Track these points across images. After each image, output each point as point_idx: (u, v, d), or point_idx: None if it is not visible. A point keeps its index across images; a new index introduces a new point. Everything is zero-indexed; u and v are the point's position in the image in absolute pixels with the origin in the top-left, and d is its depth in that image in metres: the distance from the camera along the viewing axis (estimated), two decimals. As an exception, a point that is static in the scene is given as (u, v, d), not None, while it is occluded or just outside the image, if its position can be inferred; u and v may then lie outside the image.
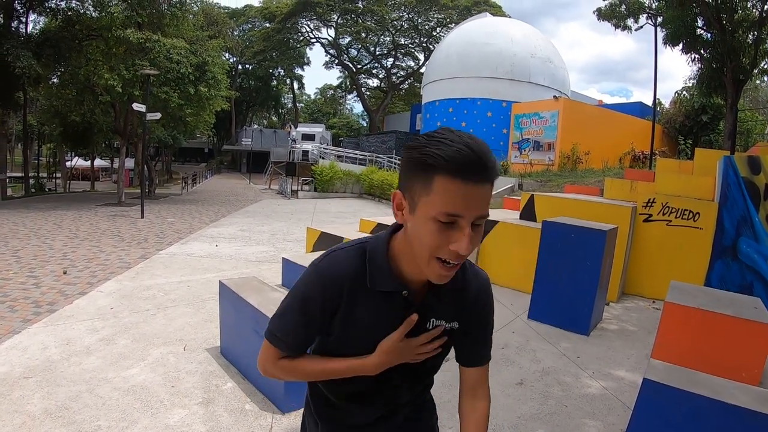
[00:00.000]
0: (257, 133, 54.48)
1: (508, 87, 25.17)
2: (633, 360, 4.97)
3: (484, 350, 1.51)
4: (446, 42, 29.94)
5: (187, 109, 20.86)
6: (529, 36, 27.02)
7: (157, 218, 16.07)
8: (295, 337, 1.35)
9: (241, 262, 9.50)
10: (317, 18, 48.08)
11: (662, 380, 2.86)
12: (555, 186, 17.55)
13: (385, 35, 48.94)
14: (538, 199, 8.50)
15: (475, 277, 1.43)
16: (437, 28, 47.13)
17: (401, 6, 45.65)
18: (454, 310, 1.39)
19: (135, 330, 5.50)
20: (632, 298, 7.49)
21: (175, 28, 21.56)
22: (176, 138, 36.69)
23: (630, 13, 19.20)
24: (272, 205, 21.78)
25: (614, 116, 25.46)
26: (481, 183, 1.06)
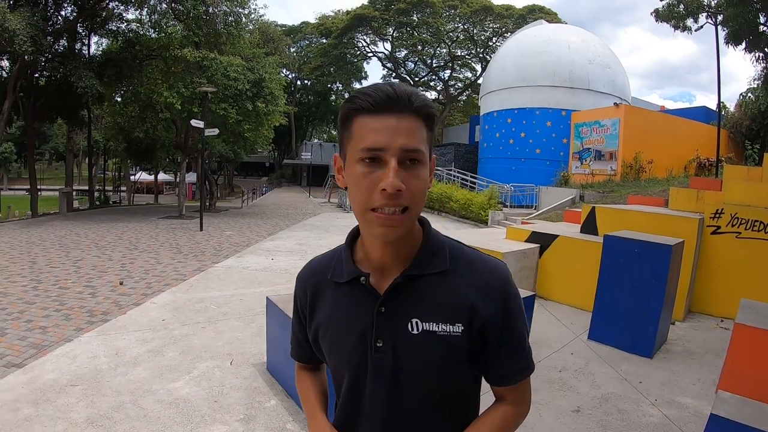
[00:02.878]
0: (317, 147, 55.28)
1: (566, 95, 24.55)
2: (699, 386, 4.64)
3: (513, 365, 1.23)
4: (502, 52, 29.57)
5: (246, 124, 21.27)
6: (587, 42, 26.35)
7: (216, 231, 16.39)
8: (294, 343, 1.44)
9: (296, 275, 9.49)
10: (373, 32, 48.37)
11: (731, 416, 2.62)
12: (617, 197, 17.01)
13: (441, 47, 48.80)
14: (599, 212, 8.21)
15: (483, 263, 1.20)
16: (493, 37, 46.69)
17: (456, 17, 45.47)
18: (452, 309, 1.15)
19: (184, 342, 5.56)
20: (699, 316, 7.08)
21: (231, 46, 22.11)
22: (237, 153, 37.54)
23: (689, 12, 18.42)
24: (331, 219, 21.98)
25: (677, 122, 24.44)
26: (401, 115, 1.04)
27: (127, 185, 40.59)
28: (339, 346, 1.21)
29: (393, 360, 1.15)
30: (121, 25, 21.75)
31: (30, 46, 16.45)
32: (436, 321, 1.14)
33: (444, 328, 1.13)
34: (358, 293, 1.19)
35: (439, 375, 1.16)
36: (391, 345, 1.15)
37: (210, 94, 17.88)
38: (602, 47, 27.01)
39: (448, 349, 1.14)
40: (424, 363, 1.15)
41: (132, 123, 24.43)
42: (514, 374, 1.23)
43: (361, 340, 1.17)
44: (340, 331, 1.21)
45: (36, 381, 4.48)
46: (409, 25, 46.19)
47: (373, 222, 1.05)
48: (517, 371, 1.23)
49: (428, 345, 1.14)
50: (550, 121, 24.92)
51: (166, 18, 19.43)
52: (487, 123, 28.35)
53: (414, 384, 1.17)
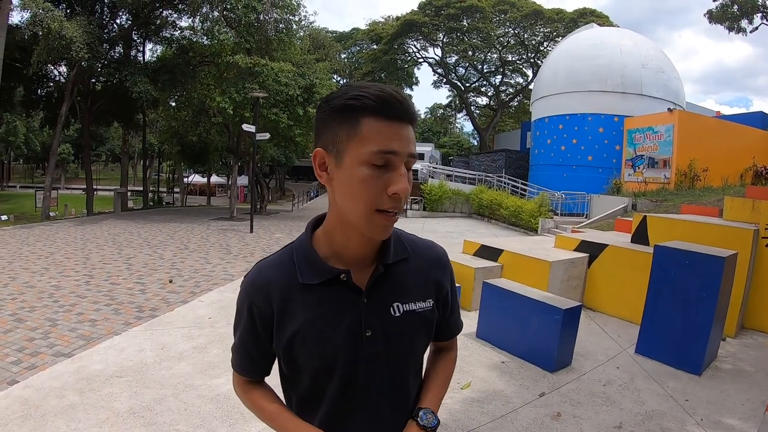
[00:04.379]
0: (370, 152, 55.49)
1: (619, 101, 24.00)
2: (748, 407, 4.46)
3: (456, 323, 1.51)
4: (553, 56, 29.16)
5: (297, 129, 21.64)
6: (639, 46, 25.67)
7: (266, 233, 16.70)
8: (239, 356, 1.38)
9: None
10: (423, 38, 48.34)
11: None
12: (671, 206, 16.56)
13: (492, 52, 48.41)
14: (651, 221, 8.01)
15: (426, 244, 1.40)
16: (544, 42, 46.10)
17: (506, 22, 45.08)
18: (421, 288, 1.31)
19: (229, 340, 5.44)
20: (752, 333, 6.81)
21: (282, 52, 22.45)
22: (288, 157, 38.06)
23: (743, 13, 17.75)
24: None
25: (734, 128, 23.48)
26: (405, 123, 1.08)
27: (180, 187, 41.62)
28: (325, 347, 1.20)
29: (384, 345, 1.23)
30: (175, 33, 22.54)
31: (86, 52, 17.15)
32: (414, 300, 1.28)
33: (421, 305, 1.29)
34: (336, 291, 1.21)
35: (419, 347, 1.33)
36: (379, 332, 1.22)
37: (261, 100, 18.22)
38: (655, 51, 26.33)
39: (425, 322, 1.30)
40: (408, 341, 1.28)
41: (186, 127, 25.09)
42: (460, 325, 1.53)
43: (349, 333, 1.20)
44: (324, 331, 1.20)
45: (83, 371, 4.67)
46: (459, 30, 46.00)
47: (378, 222, 1.09)
48: (460, 326, 1.53)
49: (410, 323, 1.26)
50: (602, 127, 24.46)
51: (218, 25, 19.93)
52: (538, 129, 28.05)
53: (403, 362, 1.30)
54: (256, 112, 18.30)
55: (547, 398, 4.44)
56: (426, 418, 1.29)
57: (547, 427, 3.89)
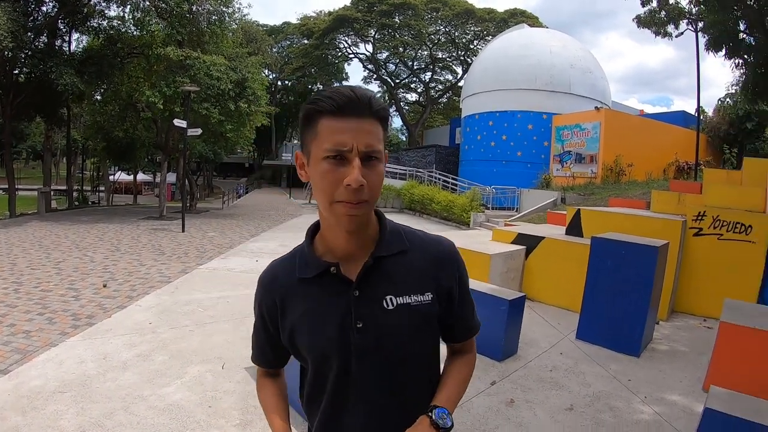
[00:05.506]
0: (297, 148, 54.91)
1: (547, 99, 24.76)
2: (685, 383, 4.76)
3: (467, 323, 1.47)
4: (484, 55, 29.74)
5: (228, 125, 21.04)
6: (568, 46, 26.59)
7: (198, 232, 16.24)
8: (254, 348, 1.51)
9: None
10: (355, 34, 48.28)
11: (725, 410, 2.71)
12: (599, 199, 17.19)
13: (423, 49, 48.88)
14: (584, 214, 8.31)
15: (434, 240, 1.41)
16: (474, 40, 46.89)
17: (438, 20, 45.61)
18: (420, 281, 1.30)
19: (173, 346, 5.46)
20: (682, 316, 7.22)
21: (214, 45, 21.85)
22: (217, 153, 37.31)
23: (670, 19, 18.70)
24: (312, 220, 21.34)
25: (657, 126, 24.81)
26: (362, 117, 1.14)
27: (105, 185, 40.07)
28: (319, 338, 1.27)
29: (375, 338, 1.25)
30: (103, 22, 21.37)
31: (10, 41, 16.14)
32: (408, 294, 1.27)
33: (416, 299, 1.28)
34: (328, 284, 1.27)
35: (416, 342, 1.31)
36: (371, 324, 1.24)
37: (192, 94, 17.71)
38: (583, 52, 27.28)
39: (422, 316, 1.28)
40: (403, 334, 1.27)
41: (112, 122, 24.00)
42: (474, 327, 1.49)
43: (341, 325, 1.25)
44: (318, 323, 1.27)
45: (22, 387, 4.38)
46: (390, 27, 46.22)
47: (339, 212, 1.15)
48: (476, 324, 1.49)
49: (405, 317, 1.26)
50: (531, 124, 25.12)
51: (149, 15, 19.11)
52: (468, 125, 28.50)
53: (396, 356, 1.28)
54: (187, 107, 17.77)
55: (499, 386, 4.56)
56: (440, 415, 1.26)
57: (502, 414, 4.02)
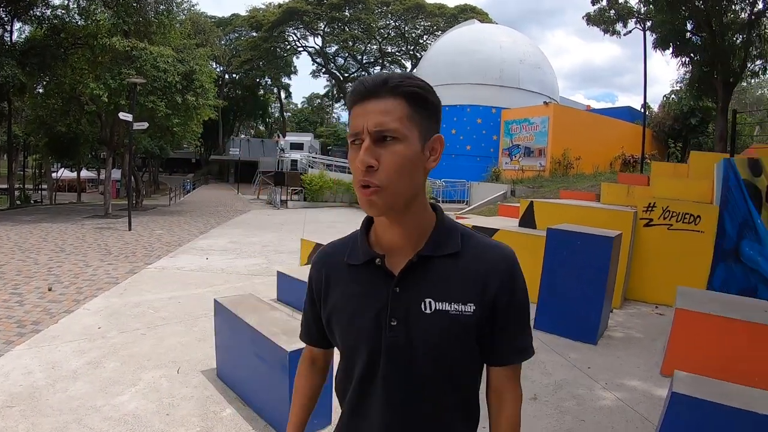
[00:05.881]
0: (245, 142, 54.19)
1: (497, 93, 25.15)
2: (643, 369, 4.86)
3: (511, 343, 1.24)
4: (435, 49, 29.95)
5: (175, 118, 20.53)
6: (518, 42, 27.06)
7: (145, 230, 15.67)
8: (304, 325, 1.46)
9: (233, 275, 9.13)
10: (304, 27, 48.06)
11: (691, 393, 2.76)
12: (548, 192, 17.52)
13: (372, 43, 49.00)
14: (537, 206, 8.41)
15: (492, 246, 1.24)
16: (424, 35, 47.28)
17: (388, 14, 45.73)
18: (464, 289, 1.18)
19: (124, 351, 5.19)
20: (635, 303, 7.40)
21: (162, 36, 21.14)
22: (163, 148, 36.44)
23: (619, 17, 19.28)
24: (262, 216, 21.47)
25: (604, 121, 25.57)
26: (378, 98, 1.09)
27: (48, 183, 38.70)
28: (353, 326, 1.24)
29: (406, 338, 1.17)
30: (46, 11, 20.36)
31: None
32: (449, 301, 1.16)
33: (456, 308, 1.16)
34: (372, 274, 1.22)
35: (450, 353, 1.18)
36: (404, 324, 1.17)
37: (138, 87, 17.15)
38: (532, 48, 27.79)
39: (459, 327, 1.16)
40: (436, 342, 1.17)
41: (54, 116, 23.10)
42: (517, 352, 1.25)
43: (376, 319, 1.19)
44: (356, 311, 1.23)
45: None
46: (340, 20, 46.17)
47: (359, 196, 1.12)
48: (520, 350, 1.25)
49: (441, 324, 1.16)
50: (480, 118, 25.43)
51: (95, 4, 18.24)
52: (417, 119, 28.63)
53: (426, 362, 1.18)
54: (133, 100, 17.13)
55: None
56: None
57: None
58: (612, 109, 31.62)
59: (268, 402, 3.73)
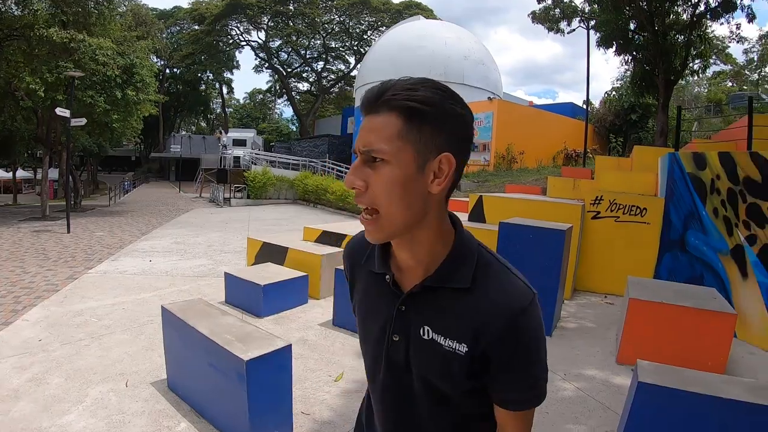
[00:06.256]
0: (186, 139, 53.05)
1: (442, 89, 25.30)
2: (599, 358, 4.96)
3: (510, 391, 1.11)
4: (379, 44, 29.97)
5: (114, 114, 19.72)
6: (463, 39, 27.35)
7: (85, 232, 15.02)
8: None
9: (178, 278, 8.70)
10: (247, 20, 47.30)
11: (656, 381, 2.82)
12: (493, 186, 17.75)
13: (316, 38, 48.71)
14: (486, 200, 8.49)
15: (504, 286, 1.07)
16: (368, 31, 47.27)
17: (333, 9, 45.52)
18: (460, 327, 1.08)
19: (68, 365, 4.79)
20: (584, 294, 7.59)
21: (101, 27, 20.17)
22: (102, 146, 35.28)
23: (564, 16, 19.80)
24: (205, 214, 21.02)
25: (547, 116, 26.13)
26: (374, 113, 1.00)
27: (-19, 185, 37.03)
28: (366, 326, 1.26)
29: (405, 356, 1.16)
30: None
31: None
32: (444, 335, 1.10)
33: (449, 344, 1.09)
34: (385, 286, 1.18)
35: (440, 384, 1.13)
36: (405, 342, 1.15)
37: (77, 81, 16.45)
38: (477, 44, 28.16)
39: (449, 363, 1.09)
40: (429, 368, 1.13)
41: (-13, 113, 22.10)
42: (517, 401, 1.12)
43: (382, 330, 1.19)
44: (369, 317, 1.25)
45: None
46: (285, 14, 45.73)
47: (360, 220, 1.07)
48: (520, 401, 1.12)
49: (433, 354, 1.11)
50: (425, 113, 25.58)
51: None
52: (361, 114, 28.71)
53: (419, 383, 1.16)
54: (71, 95, 16.43)
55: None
56: None
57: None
58: (554, 105, 32.37)
59: (224, 414, 3.55)
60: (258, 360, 3.22)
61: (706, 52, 16.08)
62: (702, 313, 4.55)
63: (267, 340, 3.53)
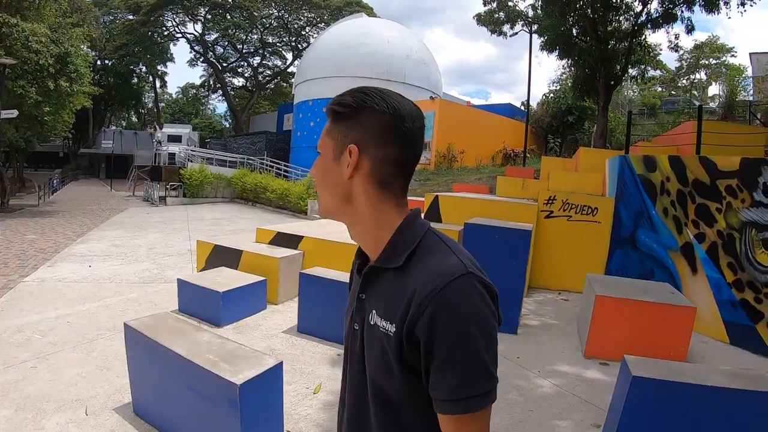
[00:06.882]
0: (117, 135, 51.20)
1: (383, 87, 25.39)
2: (567, 353, 5.12)
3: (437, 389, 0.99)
4: (321, 41, 29.84)
5: (46, 107, 18.70)
6: (405, 38, 27.62)
7: (16, 236, 13.60)
8: None
9: (123, 285, 7.95)
10: (184, 12, 46.07)
11: (649, 375, 2.95)
12: (435, 184, 17.95)
13: (254, 33, 47.99)
14: (442, 200, 8.56)
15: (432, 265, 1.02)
16: (307, 27, 46.93)
17: (272, 3, 44.92)
18: (392, 307, 1.05)
19: (16, 393, 4.10)
20: (539, 291, 7.79)
21: (35, 11, 19.11)
22: (29, 141, 33.63)
23: (508, 19, 20.28)
24: (141, 214, 20.09)
25: (486, 116, 26.61)
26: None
27: None
28: (345, 319, 1.29)
29: (360, 345, 1.16)
30: None
31: None
32: (381, 316, 1.08)
33: (383, 326, 1.07)
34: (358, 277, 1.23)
35: (379, 371, 1.09)
36: (361, 330, 1.16)
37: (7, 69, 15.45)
38: (419, 44, 28.48)
39: (383, 348, 1.07)
40: (371, 355, 1.11)
41: None
42: (442, 402, 0.99)
43: (351, 320, 1.23)
44: (347, 311, 1.28)
45: None
46: (223, 6, 44.80)
47: None
48: (444, 401, 0.98)
49: (375, 339, 1.09)
50: (367, 111, 25.65)
51: None
52: (301, 111, 28.58)
53: (370, 377, 1.13)
54: (2, 84, 15.47)
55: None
56: None
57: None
58: (493, 106, 33.01)
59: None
60: (251, 382, 2.95)
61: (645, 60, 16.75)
62: (664, 308, 4.81)
63: (255, 358, 3.25)
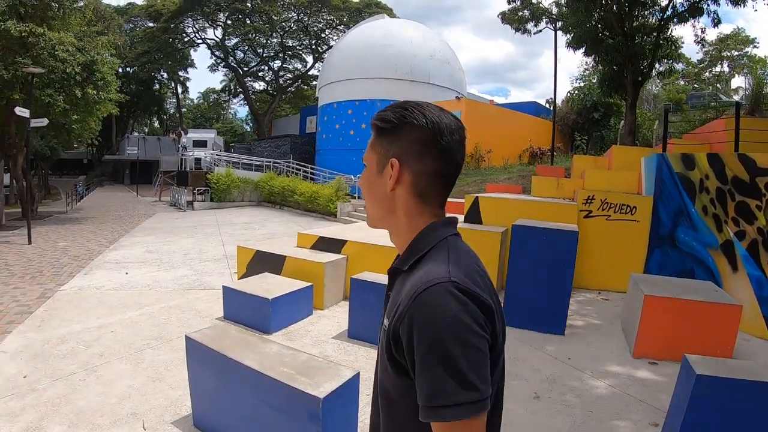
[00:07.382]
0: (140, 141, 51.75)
1: (408, 88, 25.39)
2: (616, 353, 5.16)
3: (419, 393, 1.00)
4: (344, 43, 29.90)
5: (74, 114, 18.93)
6: (428, 38, 27.65)
7: (47, 243, 13.65)
8: None
9: (163, 292, 7.87)
10: (204, 18, 46.43)
11: (712, 373, 3.00)
12: (465, 184, 17.91)
13: (274, 37, 48.19)
14: (482, 202, 8.63)
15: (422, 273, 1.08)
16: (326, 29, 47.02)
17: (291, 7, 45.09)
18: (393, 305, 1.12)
19: (67, 407, 3.93)
20: (579, 291, 7.79)
21: (61, 21, 19.05)
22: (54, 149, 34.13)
23: (533, 17, 20.22)
24: (170, 219, 20.25)
25: (511, 115, 26.65)
26: None
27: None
28: None
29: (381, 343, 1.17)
30: None
31: None
32: (386, 315, 1.19)
33: (385, 323, 1.14)
34: None
35: (381, 368, 1.17)
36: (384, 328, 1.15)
37: (36, 78, 15.53)
38: (442, 44, 28.48)
39: (383, 343, 1.12)
40: (379, 352, 1.19)
41: (-64, 115, 20.95)
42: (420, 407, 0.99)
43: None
44: None
45: None
46: (242, 11, 45.05)
47: None
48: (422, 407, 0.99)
49: (382, 335, 1.17)
50: (392, 113, 25.71)
51: None
52: (326, 114, 28.59)
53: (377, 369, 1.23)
54: (31, 93, 15.46)
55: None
56: None
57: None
58: (518, 104, 32.90)
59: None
60: (332, 395, 2.88)
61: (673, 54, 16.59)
62: (711, 306, 4.88)
63: (331, 370, 3.17)
